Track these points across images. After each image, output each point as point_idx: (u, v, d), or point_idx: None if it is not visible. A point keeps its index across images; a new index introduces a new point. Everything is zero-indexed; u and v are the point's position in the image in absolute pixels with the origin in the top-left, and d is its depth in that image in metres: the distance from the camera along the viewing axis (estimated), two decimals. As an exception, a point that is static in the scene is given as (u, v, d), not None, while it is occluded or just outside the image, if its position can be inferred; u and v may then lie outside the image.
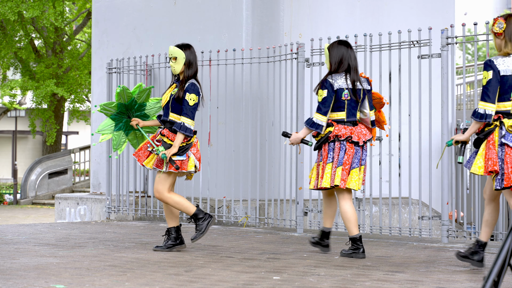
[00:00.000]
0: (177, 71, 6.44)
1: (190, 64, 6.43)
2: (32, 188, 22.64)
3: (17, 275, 5.07)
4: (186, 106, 6.33)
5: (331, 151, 6.20)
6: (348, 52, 6.34)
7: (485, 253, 5.85)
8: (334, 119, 6.24)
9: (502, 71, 5.38)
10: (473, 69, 23.03)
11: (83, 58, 24.03)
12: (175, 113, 6.38)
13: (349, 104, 6.24)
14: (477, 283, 4.97)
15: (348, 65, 6.30)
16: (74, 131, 37.30)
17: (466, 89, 16.05)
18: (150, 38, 11.02)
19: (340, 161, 6.17)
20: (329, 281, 4.96)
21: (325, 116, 6.18)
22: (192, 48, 6.50)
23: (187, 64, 6.43)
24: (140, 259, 6.01)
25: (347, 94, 6.22)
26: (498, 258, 2.94)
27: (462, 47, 16.05)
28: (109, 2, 11.76)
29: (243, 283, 4.85)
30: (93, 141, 11.23)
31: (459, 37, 7.69)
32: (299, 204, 8.50)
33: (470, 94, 21.66)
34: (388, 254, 6.52)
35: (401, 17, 11.07)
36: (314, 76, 8.79)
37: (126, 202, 10.27)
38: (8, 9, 20.17)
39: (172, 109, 6.38)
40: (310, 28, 10.33)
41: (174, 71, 6.46)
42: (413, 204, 9.92)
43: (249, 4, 9.98)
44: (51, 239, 7.60)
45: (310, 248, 6.91)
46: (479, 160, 5.46)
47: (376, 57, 8.75)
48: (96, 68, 11.90)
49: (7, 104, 27.28)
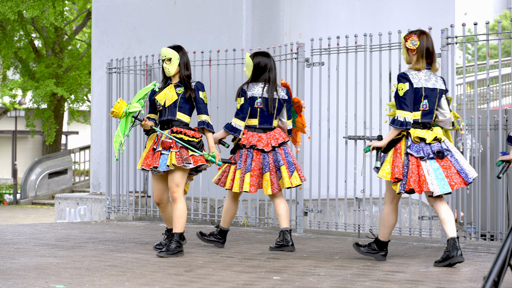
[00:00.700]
0: (171, 73, 6.40)
1: (186, 65, 6.43)
2: (32, 188, 22.64)
3: (17, 275, 5.07)
4: (203, 104, 6.38)
5: (240, 158, 6.71)
6: (269, 63, 6.80)
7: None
8: (247, 125, 6.75)
9: (414, 84, 5.83)
10: (473, 69, 23.03)
11: (83, 58, 24.03)
12: (183, 113, 6.36)
13: (261, 112, 6.73)
14: (477, 283, 4.97)
15: (268, 76, 6.77)
16: (74, 131, 37.28)
17: (466, 89, 16.04)
18: (150, 38, 11.02)
19: (248, 167, 6.66)
20: (329, 281, 4.96)
21: (243, 121, 6.68)
22: (184, 50, 6.50)
23: (182, 64, 6.41)
24: (140, 259, 6.01)
25: (260, 103, 6.69)
26: (498, 258, 2.94)
27: (462, 47, 16.05)
28: (109, 2, 11.76)
29: (243, 283, 4.85)
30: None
31: (459, 37, 7.69)
32: (299, 204, 8.50)
33: (470, 94, 21.66)
34: (388, 254, 6.52)
35: (401, 17, 11.07)
36: (314, 76, 8.79)
37: (126, 202, 10.27)
38: (8, 8, 20.17)
39: (179, 109, 6.36)
40: (310, 28, 10.33)
41: (168, 72, 6.40)
42: (413, 204, 9.92)
43: (249, 4, 9.98)
44: (51, 239, 7.60)
45: (310, 248, 6.91)
46: (386, 166, 5.86)
47: (376, 57, 8.75)
48: (96, 68, 11.90)
49: (7, 104, 27.28)
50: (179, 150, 6.24)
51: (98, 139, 11.77)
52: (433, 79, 5.90)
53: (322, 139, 8.70)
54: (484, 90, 21.79)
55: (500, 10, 46.81)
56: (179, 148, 6.25)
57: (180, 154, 6.24)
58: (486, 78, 18.78)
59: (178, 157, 6.22)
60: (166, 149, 6.25)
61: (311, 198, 8.63)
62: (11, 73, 25.23)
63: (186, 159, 6.22)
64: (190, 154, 6.26)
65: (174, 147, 6.25)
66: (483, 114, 11.46)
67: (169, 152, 6.25)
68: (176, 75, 6.45)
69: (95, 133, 11.87)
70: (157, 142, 6.34)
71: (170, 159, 6.23)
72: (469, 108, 20.15)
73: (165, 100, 6.38)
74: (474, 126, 8.83)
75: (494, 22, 38.47)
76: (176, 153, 6.23)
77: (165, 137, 6.28)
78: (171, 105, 6.36)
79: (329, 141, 8.57)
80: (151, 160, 6.30)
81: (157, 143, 6.33)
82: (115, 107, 6.23)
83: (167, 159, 6.24)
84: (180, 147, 6.26)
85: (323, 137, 8.84)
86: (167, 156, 6.25)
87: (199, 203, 9.67)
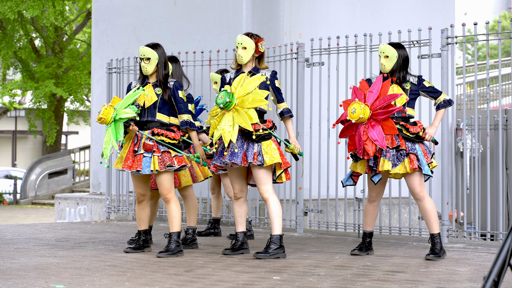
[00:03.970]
0: (149, 72, 6.29)
1: (164, 64, 6.33)
2: (32, 188, 22.65)
3: (17, 275, 5.07)
4: (184, 103, 6.26)
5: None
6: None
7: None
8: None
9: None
10: (473, 69, 23.03)
11: (83, 58, 24.03)
12: (163, 114, 6.27)
13: None
14: (477, 283, 4.97)
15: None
16: (74, 131, 37.31)
17: (466, 89, 16.05)
18: (150, 38, 11.01)
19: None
20: (329, 281, 4.96)
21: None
22: (163, 48, 6.39)
23: (161, 64, 6.31)
24: (140, 259, 6.01)
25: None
26: (498, 258, 2.94)
27: (462, 47, 16.05)
28: (109, 2, 11.76)
29: (243, 283, 4.85)
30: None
31: (459, 37, 7.69)
32: (299, 204, 8.50)
33: (470, 94, 21.65)
34: (388, 254, 6.52)
35: (401, 17, 11.06)
36: (314, 76, 8.79)
37: (126, 202, 10.27)
38: (8, 8, 20.17)
39: (159, 110, 6.26)
40: (310, 28, 10.33)
41: (146, 72, 6.28)
42: (413, 204, 9.92)
43: (249, 4, 9.98)
44: (51, 239, 7.59)
45: (310, 248, 6.91)
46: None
47: (376, 57, 8.75)
48: (96, 68, 11.90)
49: (6, 104, 27.28)
50: (161, 155, 6.18)
51: (98, 139, 11.77)
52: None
53: (322, 139, 8.70)
54: (484, 90, 21.79)
55: (500, 10, 46.81)
56: (161, 152, 6.18)
57: (162, 159, 6.17)
58: (486, 78, 18.78)
59: (160, 162, 6.17)
60: (148, 151, 6.18)
61: (311, 198, 8.63)
62: (11, 73, 25.21)
63: (169, 164, 6.18)
64: (173, 155, 6.22)
65: (156, 151, 6.17)
66: (483, 114, 11.47)
67: (151, 155, 6.17)
68: (154, 75, 6.35)
69: (95, 133, 11.88)
70: (138, 143, 6.24)
71: (153, 163, 6.16)
72: (469, 108, 20.15)
73: (144, 101, 6.27)
74: (474, 126, 8.84)
75: (494, 22, 38.46)
76: (159, 157, 6.17)
77: (146, 139, 6.19)
78: (150, 106, 6.26)
79: (329, 141, 8.57)
80: (133, 162, 6.21)
81: (137, 145, 6.23)
82: (103, 114, 6.08)
83: (150, 162, 6.17)
84: (162, 152, 6.18)
85: (323, 137, 8.84)
86: (149, 159, 6.17)
87: (199, 203, 9.67)
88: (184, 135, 6.47)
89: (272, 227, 6.16)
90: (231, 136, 6.01)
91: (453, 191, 7.93)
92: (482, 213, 10.08)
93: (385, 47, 6.25)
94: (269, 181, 6.15)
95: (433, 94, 6.31)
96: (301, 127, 8.49)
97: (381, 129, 5.99)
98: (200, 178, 7.05)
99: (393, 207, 9.96)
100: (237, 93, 6.08)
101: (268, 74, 6.23)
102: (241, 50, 6.20)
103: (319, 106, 8.62)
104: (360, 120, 6.00)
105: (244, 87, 6.09)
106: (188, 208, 7.11)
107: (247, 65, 6.26)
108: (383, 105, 6.00)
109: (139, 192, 6.45)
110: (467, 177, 10.92)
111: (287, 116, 6.27)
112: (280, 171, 6.14)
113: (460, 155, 11.40)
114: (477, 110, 7.66)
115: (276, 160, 6.05)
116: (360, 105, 6.01)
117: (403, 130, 6.15)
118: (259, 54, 6.27)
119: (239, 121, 6.02)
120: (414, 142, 6.16)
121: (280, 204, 6.20)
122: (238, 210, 6.32)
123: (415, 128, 6.18)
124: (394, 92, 6.21)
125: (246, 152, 6.07)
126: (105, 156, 6.12)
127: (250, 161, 6.03)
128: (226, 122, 6.05)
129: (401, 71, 6.26)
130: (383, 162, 6.10)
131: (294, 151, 6.27)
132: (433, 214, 6.21)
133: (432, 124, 6.28)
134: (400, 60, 6.26)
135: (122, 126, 6.14)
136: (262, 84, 6.16)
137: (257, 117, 6.06)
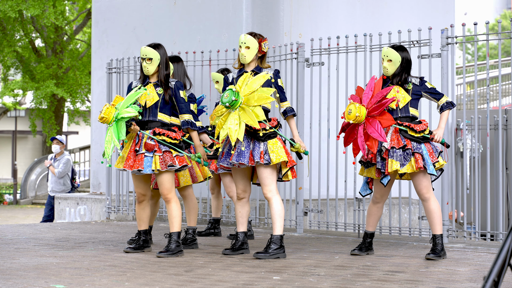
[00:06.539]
0: (150, 72, 6.29)
1: (166, 64, 6.33)
2: (32, 188, 22.65)
3: (17, 275, 5.07)
4: (185, 103, 6.27)
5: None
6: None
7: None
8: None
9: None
10: (473, 69, 23.02)
11: (83, 58, 24.03)
12: (164, 113, 6.28)
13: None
14: (477, 283, 4.97)
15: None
16: (74, 131, 37.30)
17: (466, 89, 16.05)
18: (150, 38, 11.01)
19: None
20: (329, 281, 4.96)
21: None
22: (164, 48, 6.39)
23: (163, 64, 6.32)
24: (140, 259, 6.01)
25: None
26: (498, 258, 2.94)
27: (462, 47, 16.05)
28: (109, 2, 11.76)
29: (243, 283, 4.85)
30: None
31: (459, 37, 7.69)
32: (299, 204, 8.50)
33: (470, 94, 21.65)
34: (388, 254, 6.52)
35: (401, 17, 11.06)
36: (314, 76, 8.79)
37: (126, 202, 10.27)
38: (9, 7, 20.18)
39: (161, 109, 6.26)
40: (310, 28, 10.33)
41: (147, 72, 6.28)
42: (413, 204, 9.92)
43: (249, 4, 9.98)
44: (51, 239, 7.60)
45: (310, 248, 6.91)
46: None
47: (376, 57, 8.75)
48: (96, 68, 11.90)
49: (7, 104, 27.27)
50: (162, 154, 6.18)
51: (98, 139, 11.77)
52: None
53: (322, 139, 8.70)
54: (484, 90, 21.79)
55: (500, 10, 46.81)
56: (163, 152, 6.19)
57: (163, 159, 6.18)
58: (486, 78, 18.78)
59: (161, 162, 6.18)
60: (150, 151, 6.18)
61: (311, 198, 8.63)
62: (12, 73, 25.19)
63: (171, 164, 6.19)
64: (174, 155, 6.23)
65: (158, 150, 6.18)
66: (483, 114, 11.46)
67: (152, 154, 6.18)
68: (155, 75, 6.35)
69: (95, 133, 11.87)
70: (139, 143, 6.25)
71: (155, 163, 6.16)
72: (469, 108, 20.15)
73: (146, 101, 6.27)
74: (474, 126, 8.84)
75: (494, 22, 38.46)
76: (160, 157, 6.17)
77: (148, 138, 6.19)
78: (152, 106, 6.26)
79: (329, 141, 8.57)
80: (134, 162, 6.20)
81: (139, 145, 6.24)
82: (104, 113, 6.07)
83: (152, 162, 6.17)
84: (164, 151, 6.19)
85: (323, 137, 8.84)
86: (150, 158, 6.17)
87: (199, 203, 9.67)
88: (185, 135, 6.47)
89: (274, 227, 6.16)
90: (237, 135, 6.00)
91: (453, 191, 7.92)
92: (482, 213, 10.08)
93: (389, 51, 6.23)
94: (274, 181, 6.14)
95: (435, 95, 6.31)
96: (301, 127, 8.49)
97: (379, 124, 5.99)
98: (200, 178, 7.05)
99: (393, 207, 9.96)
100: (242, 92, 6.08)
101: (271, 73, 6.23)
102: (245, 49, 6.20)
103: (319, 106, 8.62)
104: (357, 119, 6.00)
105: (249, 86, 6.09)
106: (188, 208, 7.11)
107: (250, 64, 6.27)
108: (377, 100, 6.02)
109: (139, 192, 6.44)
110: (467, 177, 10.92)
111: (290, 115, 6.28)
112: (286, 169, 6.15)
113: (460, 155, 11.40)
114: (477, 110, 7.66)
115: (282, 159, 6.05)
116: (355, 105, 6.02)
117: (409, 131, 6.15)
118: (262, 54, 6.27)
119: (245, 119, 6.02)
120: (419, 143, 6.16)
121: (282, 204, 6.19)
122: (240, 210, 6.31)
123: (421, 126, 6.18)
124: (395, 92, 6.21)
125: (253, 151, 6.07)
126: (107, 156, 6.13)
127: (257, 160, 6.03)
128: (233, 121, 6.05)
129: (403, 74, 6.27)
130: (391, 163, 6.11)
131: (300, 150, 6.27)
132: (437, 216, 6.22)
133: (438, 126, 6.29)
134: (403, 63, 6.26)
135: (124, 125, 6.14)
136: (267, 82, 6.17)
137: (263, 115, 6.07)
